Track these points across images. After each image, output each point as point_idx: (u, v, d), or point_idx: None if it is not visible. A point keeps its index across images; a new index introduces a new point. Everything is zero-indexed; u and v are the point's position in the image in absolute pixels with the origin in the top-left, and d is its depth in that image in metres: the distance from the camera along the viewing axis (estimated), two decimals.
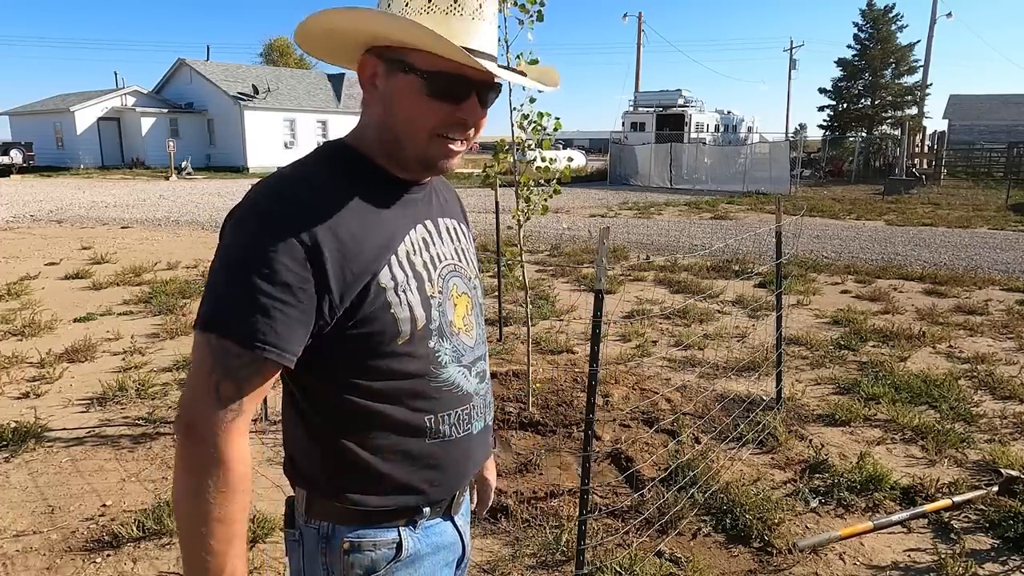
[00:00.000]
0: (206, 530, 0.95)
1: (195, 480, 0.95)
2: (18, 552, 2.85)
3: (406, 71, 1.02)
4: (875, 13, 33.66)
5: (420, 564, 1.15)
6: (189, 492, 0.96)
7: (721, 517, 3.10)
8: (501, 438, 3.82)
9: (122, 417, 4.22)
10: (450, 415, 1.14)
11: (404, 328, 1.06)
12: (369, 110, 1.10)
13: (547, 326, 6.29)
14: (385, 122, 1.07)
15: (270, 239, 0.96)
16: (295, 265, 0.96)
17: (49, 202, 17.64)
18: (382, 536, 1.11)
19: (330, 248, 0.98)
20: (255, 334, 0.94)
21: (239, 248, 0.97)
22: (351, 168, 1.09)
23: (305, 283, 0.97)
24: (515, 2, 3.55)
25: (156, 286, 7.54)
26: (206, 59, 36.46)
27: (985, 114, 36.86)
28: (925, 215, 15.89)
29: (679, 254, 10.03)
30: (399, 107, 1.05)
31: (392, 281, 1.05)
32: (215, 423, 0.95)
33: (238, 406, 0.97)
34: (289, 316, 0.96)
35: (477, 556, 2.85)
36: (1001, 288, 8.07)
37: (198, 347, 0.97)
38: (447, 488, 1.18)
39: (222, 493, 0.95)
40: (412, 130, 1.05)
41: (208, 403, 0.95)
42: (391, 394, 1.08)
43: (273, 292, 0.95)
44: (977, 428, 4.14)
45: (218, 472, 0.95)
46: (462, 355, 1.16)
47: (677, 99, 31.31)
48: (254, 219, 0.99)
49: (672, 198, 20.09)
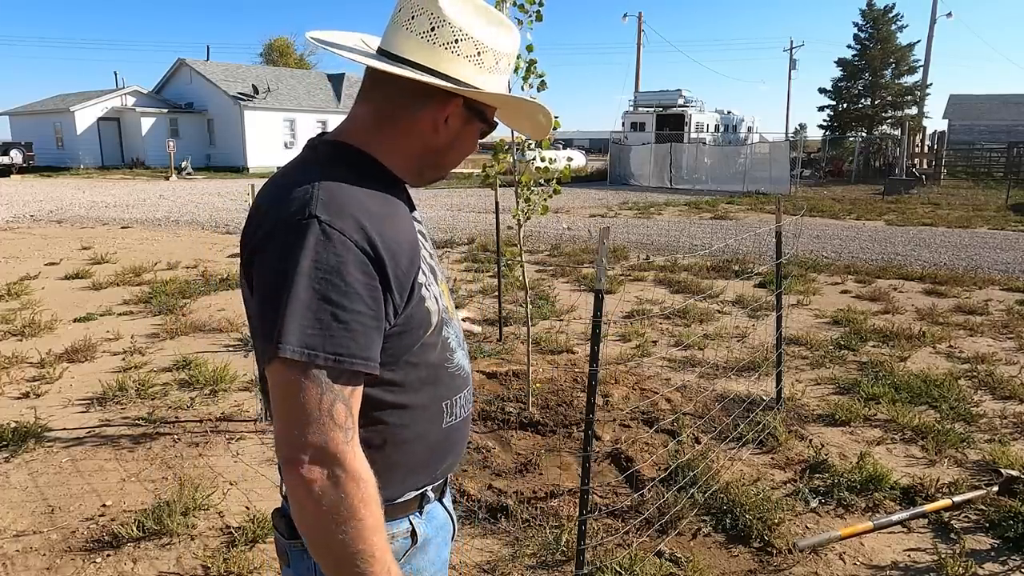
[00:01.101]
0: (366, 546, 0.94)
1: (343, 507, 0.93)
2: (18, 552, 2.85)
3: (480, 119, 1.16)
4: (875, 13, 33.66)
5: (429, 547, 1.19)
6: (342, 522, 0.93)
7: (721, 517, 3.10)
8: (501, 438, 3.82)
9: (122, 417, 4.22)
10: (459, 398, 1.20)
11: (434, 320, 1.10)
12: (415, 128, 1.13)
13: (547, 326, 6.29)
14: (438, 152, 1.16)
15: (334, 250, 0.94)
16: (364, 276, 0.96)
17: (49, 202, 17.65)
18: (398, 527, 1.14)
19: (386, 252, 0.99)
20: (349, 351, 0.94)
21: (304, 264, 0.93)
22: (367, 171, 1.10)
23: (375, 291, 0.97)
24: (514, 2, 3.55)
25: (156, 286, 7.54)
26: (206, 59, 36.46)
27: (985, 114, 36.85)
28: (925, 215, 15.88)
29: (679, 254, 10.03)
30: (462, 147, 1.18)
31: (424, 276, 1.08)
32: (341, 445, 0.93)
33: (352, 423, 0.96)
34: (368, 326, 0.96)
35: (477, 556, 2.85)
36: (1001, 288, 8.07)
37: (295, 378, 0.93)
38: (452, 467, 1.24)
39: (369, 508, 0.95)
40: (456, 163, 1.21)
41: (327, 429, 0.93)
42: (415, 385, 1.10)
43: (352, 306, 0.95)
44: (977, 428, 4.14)
45: (360, 489, 0.94)
46: (461, 338, 1.22)
47: (677, 99, 31.30)
48: (309, 232, 0.95)
49: (672, 198, 20.08)
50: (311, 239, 0.94)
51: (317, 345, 0.92)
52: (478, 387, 4.51)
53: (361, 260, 0.96)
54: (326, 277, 0.93)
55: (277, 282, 0.94)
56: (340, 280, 0.93)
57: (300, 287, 0.93)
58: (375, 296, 0.97)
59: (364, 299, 0.96)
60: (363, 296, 0.96)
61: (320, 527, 0.94)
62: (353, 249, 0.95)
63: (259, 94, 32.50)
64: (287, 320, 0.92)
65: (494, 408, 4.15)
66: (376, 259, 0.97)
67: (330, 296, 0.93)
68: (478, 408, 4.16)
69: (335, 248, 0.94)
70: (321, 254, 0.94)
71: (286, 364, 0.92)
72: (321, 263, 0.93)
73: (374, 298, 0.97)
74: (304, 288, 0.93)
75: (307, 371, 0.92)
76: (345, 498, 0.93)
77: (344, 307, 0.94)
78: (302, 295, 0.92)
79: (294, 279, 0.93)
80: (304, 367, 0.92)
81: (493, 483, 3.36)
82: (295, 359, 0.92)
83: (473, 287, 7.94)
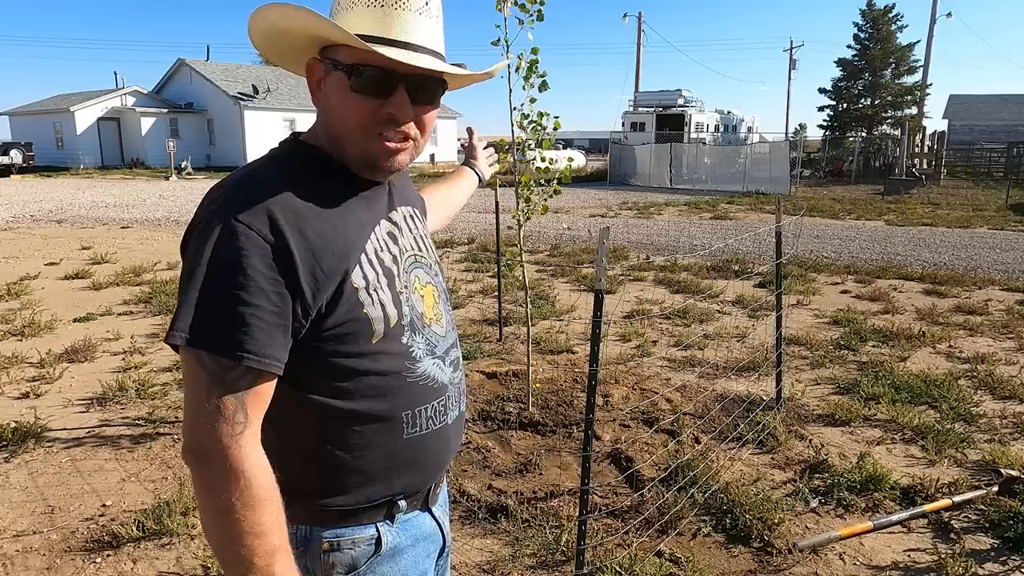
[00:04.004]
0: (245, 550, 0.92)
1: (219, 501, 0.92)
2: (18, 552, 2.85)
3: (336, 68, 1.04)
4: (875, 13, 33.65)
5: (401, 557, 1.15)
6: (218, 515, 0.92)
7: (721, 517, 3.10)
8: (501, 438, 3.82)
9: (122, 417, 4.22)
10: (427, 408, 1.13)
11: (378, 327, 1.05)
12: (320, 112, 1.11)
13: (547, 326, 6.29)
14: (327, 121, 1.08)
15: (236, 243, 0.93)
16: (267, 270, 0.94)
17: (49, 202, 17.64)
18: (360, 533, 1.10)
19: (298, 247, 0.96)
20: (242, 345, 0.92)
21: (206, 256, 0.94)
22: (311, 167, 1.08)
23: (278, 286, 0.95)
24: (515, 2, 3.55)
25: (156, 286, 7.54)
26: (206, 59, 36.44)
27: (985, 114, 36.87)
28: (925, 215, 15.88)
29: (679, 254, 10.03)
30: (334, 105, 1.06)
31: (363, 280, 1.04)
32: (224, 439, 0.92)
33: (244, 418, 0.94)
34: (267, 321, 0.94)
35: (477, 556, 2.85)
36: (1001, 288, 8.07)
37: (189, 366, 0.94)
38: (424, 480, 1.17)
39: (250, 508, 0.92)
40: (347, 128, 1.05)
41: (212, 421, 0.92)
42: (367, 393, 1.06)
43: (251, 300, 0.93)
44: (977, 428, 4.14)
45: (239, 487, 0.92)
46: (435, 346, 1.16)
47: (677, 99, 31.27)
48: (216, 223, 0.95)
49: (672, 198, 20.08)
50: (217, 231, 0.95)
51: (207, 335, 0.92)
52: (478, 387, 4.51)
53: (266, 254, 0.94)
54: (226, 269, 0.93)
55: (184, 272, 0.96)
56: (240, 273, 0.93)
57: (198, 278, 0.94)
58: (279, 292, 0.95)
59: (267, 294, 0.94)
60: (265, 291, 0.93)
61: (205, 522, 0.95)
62: (258, 242, 0.94)
63: (259, 94, 32.51)
64: (182, 309, 0.93)
65: (494, 408, 4.15)
66: (284, 254, 0.95)
67: (228, 290, 0.93)
68: (478, 408, 4.16)
69: (238, 241, 0.93)
70: (223, 246, 0.94)
71: (186, 353, 0.94)
72: (223, 255, 0.93)
73: (279, 293, 0.94)
74: (203, 279, 0.93)
75: (200, 361, 0.93)
76: (223, 494, 0.91)
77: (242, 300, 0.92)
78: (200, 286, 0.93)
79: (195, 270, 0.94)
80: (197, 357, 0.93)
81: (493, 483, 3.36)
82: (187, 348, 0.93)
83: (473, 287, 7.94)
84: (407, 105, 1.05)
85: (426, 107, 1.08)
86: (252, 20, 1.07)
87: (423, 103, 1.07)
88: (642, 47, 37.18)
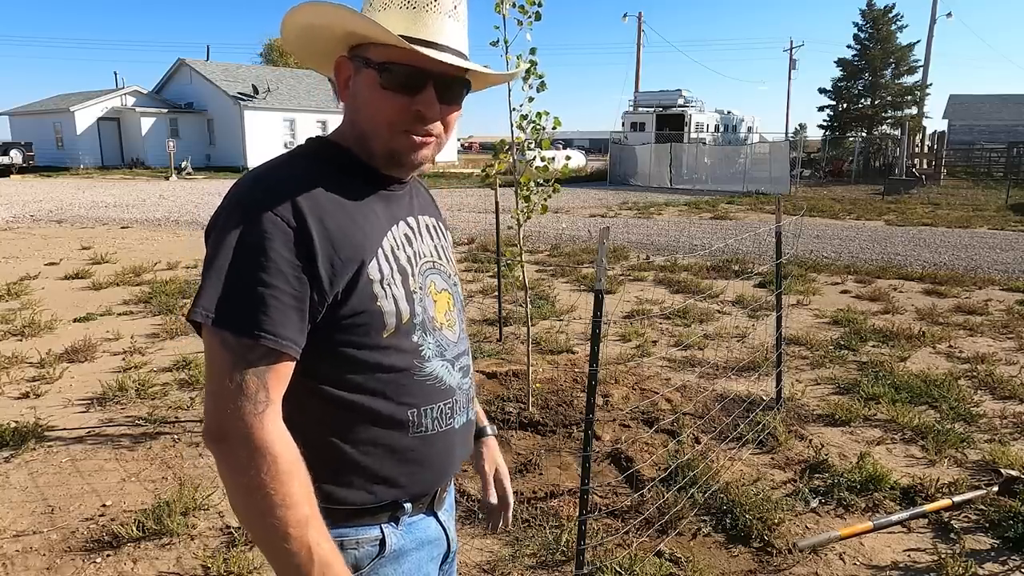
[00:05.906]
0: (278, 522, 0.92)
1: (247, 478, 0.93)
2: (18, 552, 2.85)
3: (367, 65, 1.06)
4: (875, 13, 33.64)
5: (404, 560, 1.15)
6: (247, 492, 0.93)
7: (721, 517, 3.10)
8: (501, 438, 3.82)
9: (122, 417, 4.22)
10: (432, 409, 1.14)
11: (389, 321, 1.07)
12: (347, 110, 1.13)
13: (547, 326, 6.29)
14: (355, 118, 1.11)
15: (260, 227, 0.96)
16: (288, 254, 0.96)
17: (49, 202, 17.64)
18: (364, 534, 1.11)
19: (319, 235, 0.99)
20: (260, 324, 0.94)
21: (231, 241, 0.97)
22: (335, 164, 1.10)
23: (296, 269, 0.97)
24: (514, 3, 3.55)
25: (156, 286, 7.54)
26: (206, 59, 36.46)
27: (985, 114, 36.88)
28: (925, 215, 15.88)
29: (679, 254, 10.03)
30: (362, 102, 1.08)
31: (379, 273, 1.06)
32: (248, 417, 0.93)
33: (266, 397, 0.95)
34: (285, 303, 0.96)
35: (477, 556, 2.85)
36: (1001, 288, 8.07)
37: (211, 346, 0.96)
38: (429, 483, 1.18)
39: (279, 481, 0.93)
40: (374, 124, 1.08)
41: (235, 400, 0.94)
42: (375, 387, 1.08)
43: (272, 280, 0.95)
44: (977, 428, 4.14)
45: (266, 463, 0.93)
46: (445, 350, 1.17)
47: (677, 99, 31.28)
48: (240, 210, 0.99)
49: (672, 198, 20.08)
50: (242, 217, 0.98)
51: (229, 314, 0.95)
52: (478, 387, 4.51)
53: (289, 240, 0.97)
54: (250, 253, 0.96)
55: (208, 256, 0.99)
56: (263, 256, 0.95)
57: (223, 260, 0.96)
58: (299, 276, 0.97)
59: (287, 277, 0.96)
60: (286, 274, 0.96)
61: (234, 500, 0.96)
62: (283, 227, 0.97)
63: (259, 94, 32.50)
64: (206, 289, 0.96)
65: (494, 408, 4.15)
66: (306, 240, 0.98)
67: (251, 272, 0.95)
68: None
69: (262, 226, 0.96)
70: (248, 231, 0.96)
71: (208, 334, 0.96)
72: (247, 239, 0.97)
73: (298, 278, 0.97)
74: (228, 262, 0.96)
75: (223, 340, 0.95)
76: (250, 471, 0.92)
77: (264, 282, 0.95)
78: (225, 268, 0.96)
79: (219, 253, 0.97)
80: (221, 338, 0.95)
81: None
82: (210, 329, 0.95)
83: (473, 287, 7.94)
84: (435, 103, 1.08)
85: (452, 106, 1.12)
86: (290, 16, 1.09)
87: (449, 102, 1.10)
88: (642, 47, 37.19)
